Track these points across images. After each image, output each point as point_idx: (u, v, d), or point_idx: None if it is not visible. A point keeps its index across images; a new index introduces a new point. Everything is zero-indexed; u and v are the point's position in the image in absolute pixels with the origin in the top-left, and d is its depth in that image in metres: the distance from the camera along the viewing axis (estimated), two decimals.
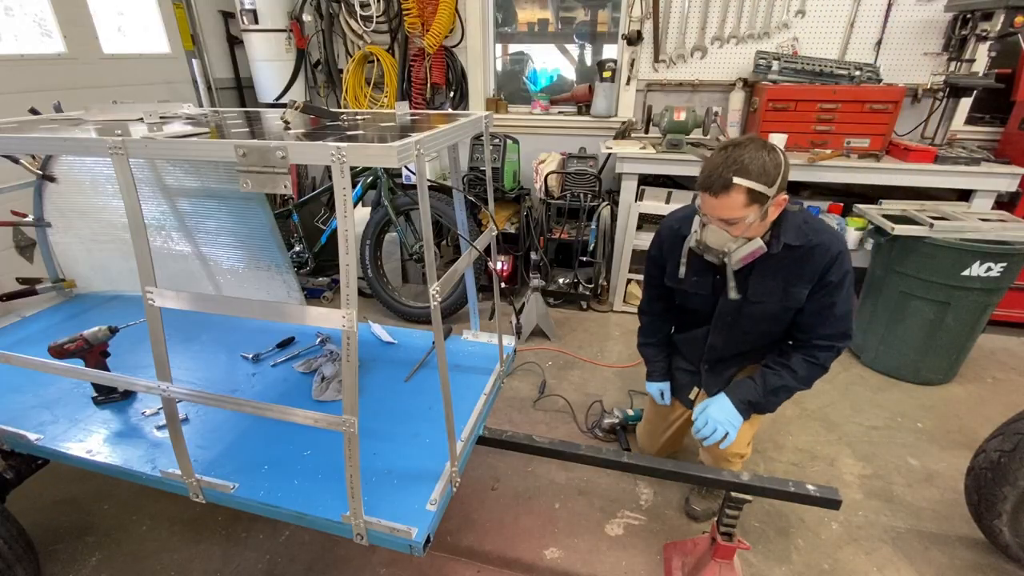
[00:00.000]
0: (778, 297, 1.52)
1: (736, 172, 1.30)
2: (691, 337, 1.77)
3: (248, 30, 3.62)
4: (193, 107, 1.68)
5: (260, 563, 1.76)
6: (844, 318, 1.50)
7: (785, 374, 1.57)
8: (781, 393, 1.58)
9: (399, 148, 0.94)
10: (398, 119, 1.43)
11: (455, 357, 1.89)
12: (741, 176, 1.30)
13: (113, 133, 1.11)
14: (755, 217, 1.35)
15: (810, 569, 1.74)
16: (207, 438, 1.51)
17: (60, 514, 1.94)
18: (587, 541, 1.85)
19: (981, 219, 2.52)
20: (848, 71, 3.04)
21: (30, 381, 1.74)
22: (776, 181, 1.32)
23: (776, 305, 1.54)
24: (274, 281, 2.01)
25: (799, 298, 1.50)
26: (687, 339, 1.80)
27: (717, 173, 1.32)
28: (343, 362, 1.03)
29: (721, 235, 1.41)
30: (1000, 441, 1.65)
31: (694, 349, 1.78)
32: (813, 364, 1.55)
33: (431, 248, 1.15)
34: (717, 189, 1.33)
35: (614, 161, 3.21)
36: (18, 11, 2.68)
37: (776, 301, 1.53)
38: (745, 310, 1.58)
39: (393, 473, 1.37)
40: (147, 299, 1.13)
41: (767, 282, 1.51)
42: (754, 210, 1.34)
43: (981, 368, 2.83)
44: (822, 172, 2.94)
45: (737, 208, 1.34)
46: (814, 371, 1.56)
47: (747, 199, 1.32)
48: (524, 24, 3.86)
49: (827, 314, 1.50)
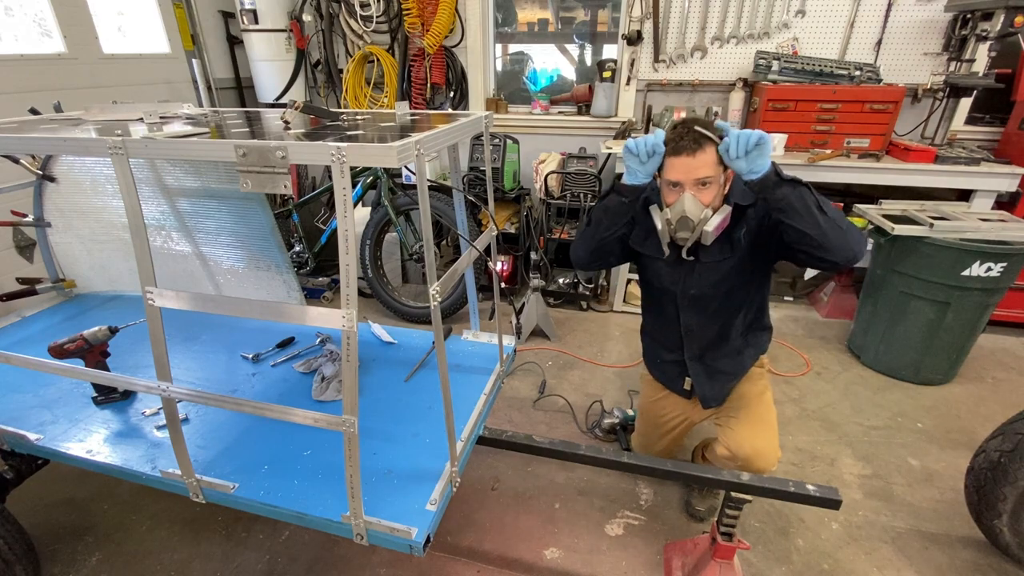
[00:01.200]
0: (728, 251, 1.55)
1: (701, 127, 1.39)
2: (665, 322, 1.75)
3: (248, 30, 3.62)
4: (193, 107, 1.68)
5: (260, 563, 1.76)
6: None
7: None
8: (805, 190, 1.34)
9: (399, 148, 0.94)
10: (398, 119, 1.43)
11: (455, 357, 1.89)
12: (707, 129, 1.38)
13: (113, 133, 1.11)
14: (723, 178, 1.44)
15: (810, 569, 1.74)
16: (207, 438, 1.51)
17: (60, 514, 1.95)
18: (587, 541, 1.85)
19: (981, 219, 2.52)
20: (848, 71, 3.04)
21: (30, 381, 1.74)
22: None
23: (731, 260, 1.56)
24: (274, 281, 2.01)
25: (740, 242, 1.53)
26: (661, 324, 1.78)
27: (686, 134, 1.39)
28: (343, 362, 1.03)
29: (697, 204, 1.44)
30: (1000, 441, 1.64)
31: (672, 334, 1.75)
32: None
33: (431, 248, 1.15)
34: (693, 147, 1.39)
35: (614, 161, 3.22)
36: (18, 11, 2.68)
37: (728, 256, 1.56)
38: (704, 278, 1.59)
39: (393, 473, 1.37)
40: (147, 299, 1.13)
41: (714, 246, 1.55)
42: (720, 170, 1.43)
43: (981, 368, 2.83)
44: (822, 172, 2.94)
45: (711, 163, 1.40)
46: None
47: (716, 156, 1.39)
48: (524, 24, 3.86)
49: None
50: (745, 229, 1.52)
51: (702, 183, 1.42)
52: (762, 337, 1.76)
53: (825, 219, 1.32)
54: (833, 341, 3.11)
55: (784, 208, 1.33)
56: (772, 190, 1.32)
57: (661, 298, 1.72)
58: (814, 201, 1.33)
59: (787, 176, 1.33)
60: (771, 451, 1.60)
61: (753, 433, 1.62)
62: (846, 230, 1.34)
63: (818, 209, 1.32)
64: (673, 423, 1.90)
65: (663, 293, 1.70)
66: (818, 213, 1.32)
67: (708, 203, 1.44)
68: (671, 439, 1.94)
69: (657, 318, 1.80)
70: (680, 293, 1.65)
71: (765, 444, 1.60)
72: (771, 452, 1.60)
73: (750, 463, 1.58)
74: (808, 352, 2.98)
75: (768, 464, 1.59)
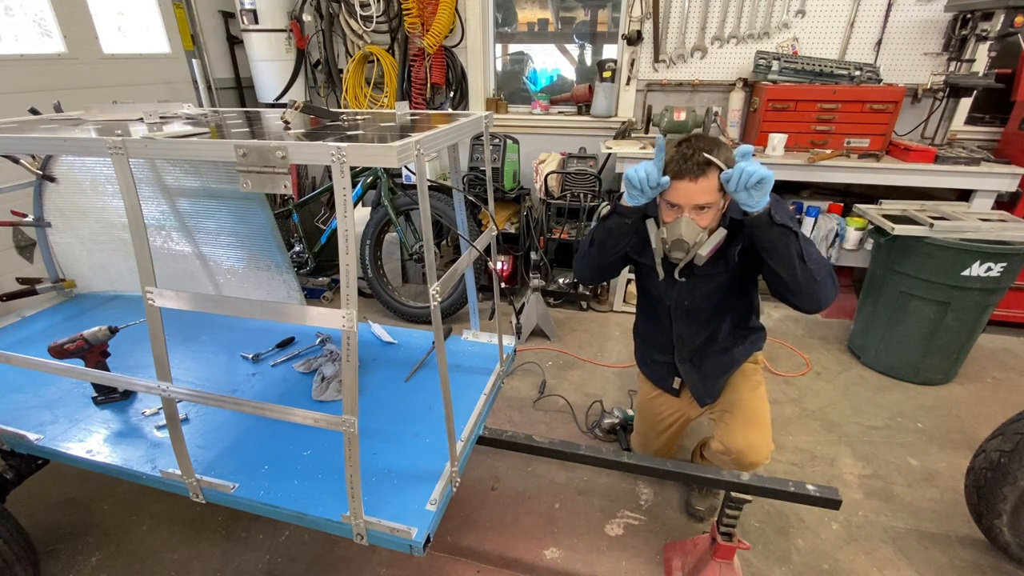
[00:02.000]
0: (722, 267, 1.56)
1: (708, 152, 1.36)
2: (658, 328, 1.78)
3: (248, 30, 3.62)
4: (193, 107, 1.68)
5: (260, 563, 1.76)
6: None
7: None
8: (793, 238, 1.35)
9: (399, 148, 0.94)
10: (398, 119, 1.43)
11: (455, 357, 1.89)
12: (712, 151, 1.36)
13: (113, 133, 1.11)
14: (722, 203, 1.43)
15: (810, 569, 1.74)
16: (207, 438, 1.51)
17: (60, 514, 1.95)
18: (587, 541, 1.85)
19: (981, 219, 2.52)
20: (848, 71, 3.04)
21: (30, 381, 1.74)
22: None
23: (723, 276, 1.57)
24: (274, 281, 2.01)
25: (735, 259, 1.54)
26: (654, 329, 1.81)
27: (691, 157, 1.37)
28: (343, 362, 1.03)
29: (693, 227, 1.44)
30: (1000, 441, 1.65)
31: (664, 339, 1.78)
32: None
33: (431, 248, 1.15)
34: (696, 172, 1.37)
35: (614, 161, 3.22)
36: (18, 11, 2.68)
37: (723, 270, 1.56)
38: (698, 290, 1.61)
39: (393, 473, 1.37)
40: (147, 299, 1.13)
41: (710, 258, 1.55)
42: (720, 196, 1.40)
43: (981, 368, 2.83)
44: (822, 172, 2.95)
45: (712, 191, 1.39)
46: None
47: (718, 183, 1.37)
48: (524, 24, 3.86)
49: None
50: (740, 246, 1.53)
51: (701, 207, 1.42)
52: (752, 336, 1.77)
53: (804, 269, 1.37)
54: (833, 341, 3.11)
55: (768, 249, 1.38)
56: (763, 229, 1.35)
57: (656, 306, 1.75)
58: (798, 250, 1.36)
59: (779, 220, 1.34)
60: (764, 445, 1.62)
61: (746, 428, 1.64)
62: (820, 282, 1.39)
63: (800, 258, 1.36)
64: (670, 420, 1.92)
65: (657, 302, 1.72)
66: (798, 262, 1.36)
67: (706, 226, 1.45)
68: (669, 436, 1.95)
69: (650, 322, 1.83)
70: (674, 304, 1.67)
71: (758, 438, 1.62)
72: (764, 445, 1.61)
73: (743, 456, 1.60)
74: (808, 352, 2.98)
75: (761, 457, 1.60)
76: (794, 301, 1.45)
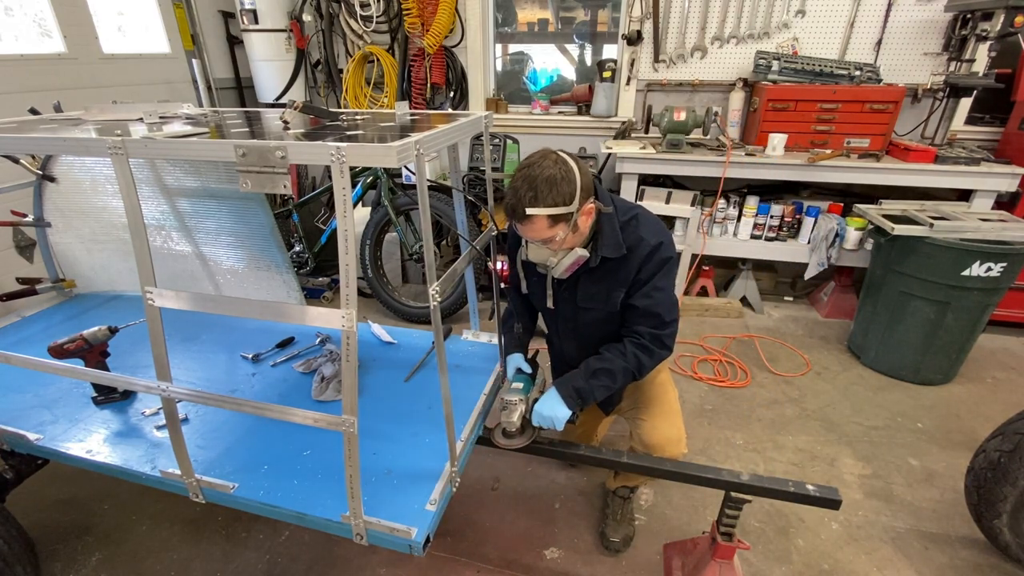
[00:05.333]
0: (603, 302, 1.55)
1: (530, 202, 1.30)
2: (553, 348, 1.87)
3: (248, 30, 3.62)
4: (193, 107, 1.68)
5: (260, 563, 1.76)
6: (655, 308, 1.50)
7: (609, 355, 1.54)
8: (602, 376, 1.52)
9: (399, 148, 0.94)
10: (398, 119, 1.43)
11: (455, 357, 1.89)
12: (533, 206, 1.30)
13: (113, 133, 1.11)
14: (565, 233, 1.37)
15: (810, 569, 1.74)
16: (207, 438, 1.51)
17: (60, 514, 1.95)
18: (587, 541, 1.85)
19: (981, 219, 2.52)
20: (848, 71, 3.04)
21: (30, 381, 1.74)
22: (574, 196, 1.32)
23: (602, 311, 1.57)
24: (274, 281, 2.01)
25: (616, 301, 1.53)
26: (552, 347, 1.88)
27: (516, 201, 1.32)
28: (343, 362, 1.03)
29: (542, 251, 1.44)
30: (1000, 441, 1.65)
31: (557, 356, 1.87)
32: (639, 350, 1.53)
33: (431, 248, 1.15)
34: (520, 217, 1.33)
35: (614, 161, 3.21)
36: (18, 11, 2.68)
37: (602, 307, 1.56)
38: (580, 317, 1.62)
39: (393, 473, 1.37)
40: (147, 299, 1.13)
41: (592, 288, 1.54)
42: (560, 228, 1.35)
43: (981, 368, 2.83)
44: (822, 172, 2.95)
45: (543, 231, 1.35)
46: (640, 357, 1.53)
47: (549, 222, 1.33)
48: (524, 24, 3.86)
49: (641, 307, 1.50)
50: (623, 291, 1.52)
51: (542, 241, 1.41)
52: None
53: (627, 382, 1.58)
54: (833, 341, 3.11)
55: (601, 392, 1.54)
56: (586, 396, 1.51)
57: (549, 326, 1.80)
58: (606, 385, 1.52)
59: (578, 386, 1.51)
60: (679, 437, 1.66)
61: (659, 424, 1.67)
62: (633, 371, 1.53)
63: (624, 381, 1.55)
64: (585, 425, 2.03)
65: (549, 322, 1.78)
66: (625, 366, 1.51)
67: (556, 249, 1.43)
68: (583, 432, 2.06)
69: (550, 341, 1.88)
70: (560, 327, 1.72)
71: (670, 431, 1.65)
72: (679, 438, 1.66)
73: (663, 452, 1.63)
74: (808, 352, 2.98)
75: (679, 449, 1.64)
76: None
